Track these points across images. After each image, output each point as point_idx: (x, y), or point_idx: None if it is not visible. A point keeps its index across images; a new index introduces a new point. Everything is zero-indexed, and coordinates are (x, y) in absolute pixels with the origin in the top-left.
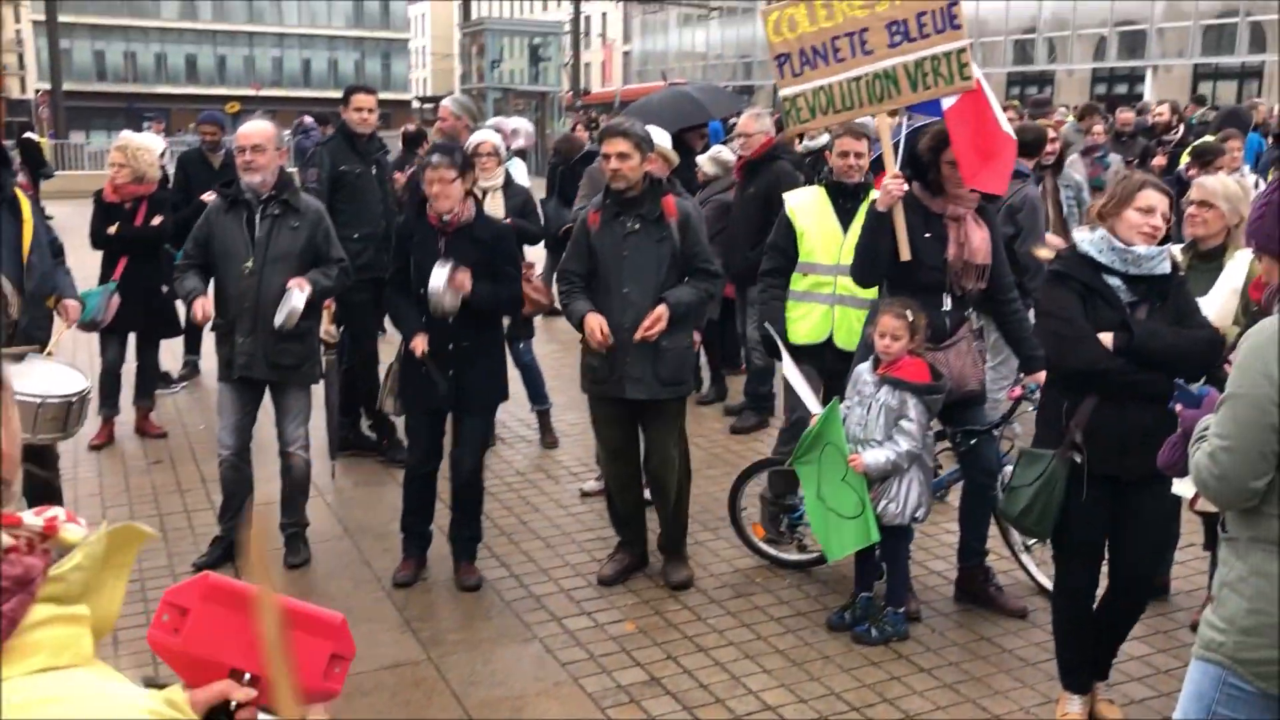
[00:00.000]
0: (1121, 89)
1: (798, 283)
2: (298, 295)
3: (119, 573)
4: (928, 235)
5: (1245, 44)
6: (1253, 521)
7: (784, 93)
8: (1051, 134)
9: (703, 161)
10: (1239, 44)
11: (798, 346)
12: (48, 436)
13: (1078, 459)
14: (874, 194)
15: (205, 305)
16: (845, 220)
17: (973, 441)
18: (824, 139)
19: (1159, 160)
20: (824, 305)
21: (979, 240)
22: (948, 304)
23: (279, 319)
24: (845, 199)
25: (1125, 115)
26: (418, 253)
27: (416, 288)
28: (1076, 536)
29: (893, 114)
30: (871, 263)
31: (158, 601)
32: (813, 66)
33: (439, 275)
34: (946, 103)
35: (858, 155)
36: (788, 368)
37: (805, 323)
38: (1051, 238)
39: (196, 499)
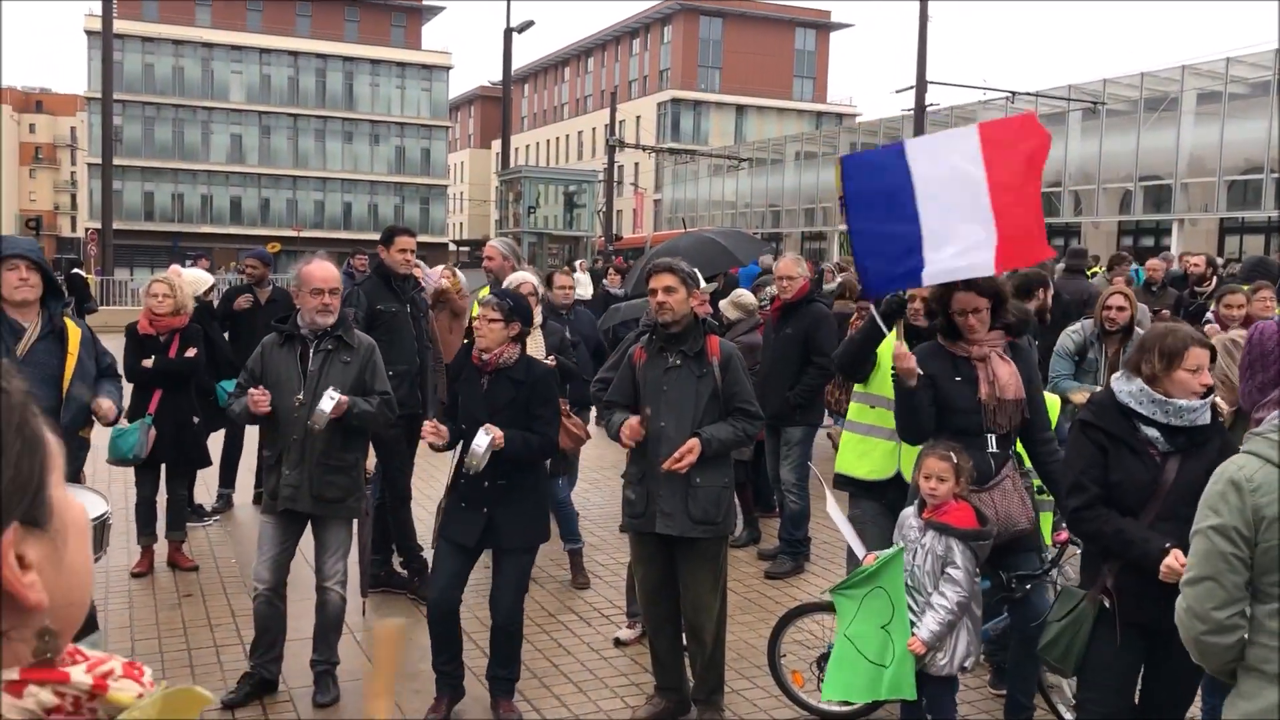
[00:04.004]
0: (1148, 242)
1: (863, 415)
2: (327, 399)
3: None
4: (958, 379)
5: (1271, 199)
6: (1248, 650)
7: (843, 228)
8: (1120, 302)
9: (725, 306)
10: (1265, 199)
11: (859, 481)
12: None
13: (1107, 603)
14: None
15: (255, 391)
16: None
17: (1028, 586)
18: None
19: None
20: (888, 441)
21: (1006, 375)
22: (993, 444)
23: (309, 419)
24: (919, 340)
25: (1154, 263)
26: (462, 389)
27: (461, 420)
28: (1097, 678)
29: None
30: (916, 427)
31: None
32: None
33: (481, 440)
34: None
35: (924, 299)
36: (831, 509)
37: (868, 460)
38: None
39: (226, 634)
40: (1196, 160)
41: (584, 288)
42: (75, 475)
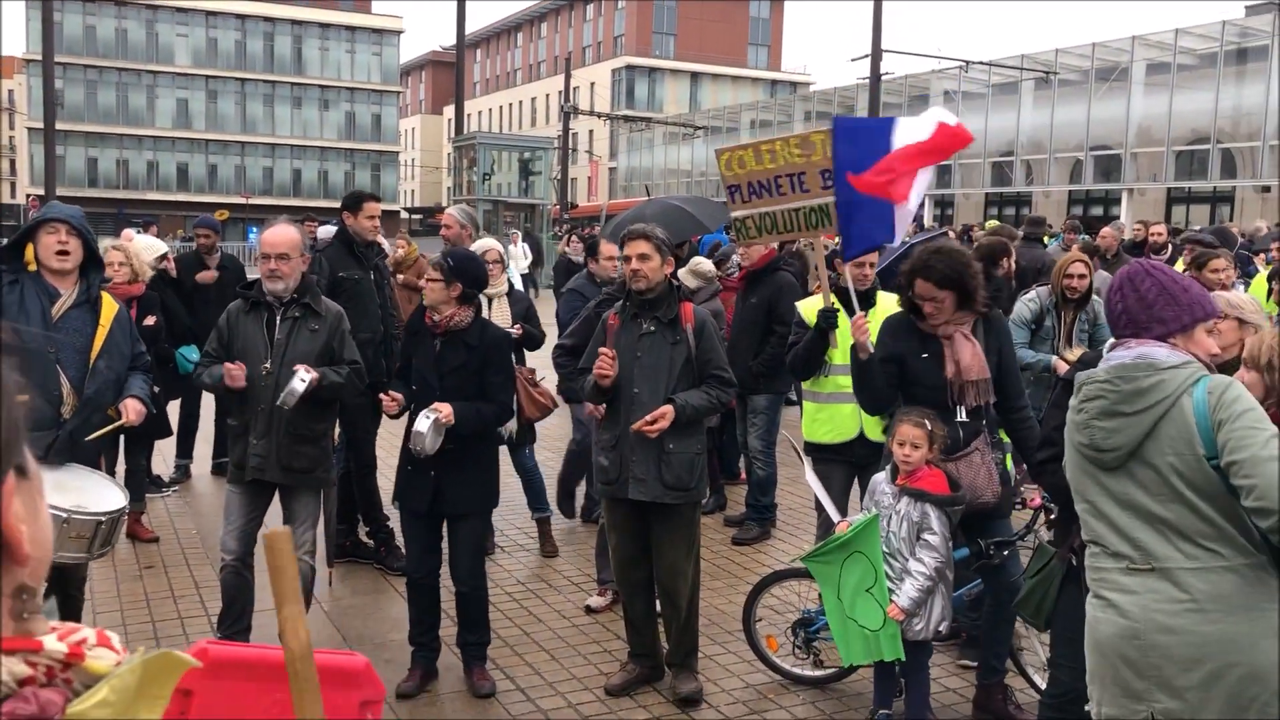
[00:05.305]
0: (1097, 210)
1: (821, 385)
2: (299, 379)
3: (153, 705)
4: (925, 356)
5: (1217, 169)
6: None
7: (735, 214)
8: (1081, 270)
9: (683, 275)
10: (1211, 169)
11: (823, 445)
12: (70, 556)
13: (1074, 561)
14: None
15: (232, 365)
16: None
17: (1005, 553)
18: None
19: None
20: (849, 404)
21: (969, 357)
22: (962, 415)
23: (279, 399)
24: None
25: (1107, 232)
26: (416, 353)
27: (413, 382)
28: (1067, 633)
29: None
30: (873, 398)
31: None
32: (759, 196)
33: (421, 423)
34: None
35: (871, 265)
36: (810, 476)
37: (829, 424)
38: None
39: (190, 606)
40: (1145, 130)
41: (519, 261)
42: (99, 453)
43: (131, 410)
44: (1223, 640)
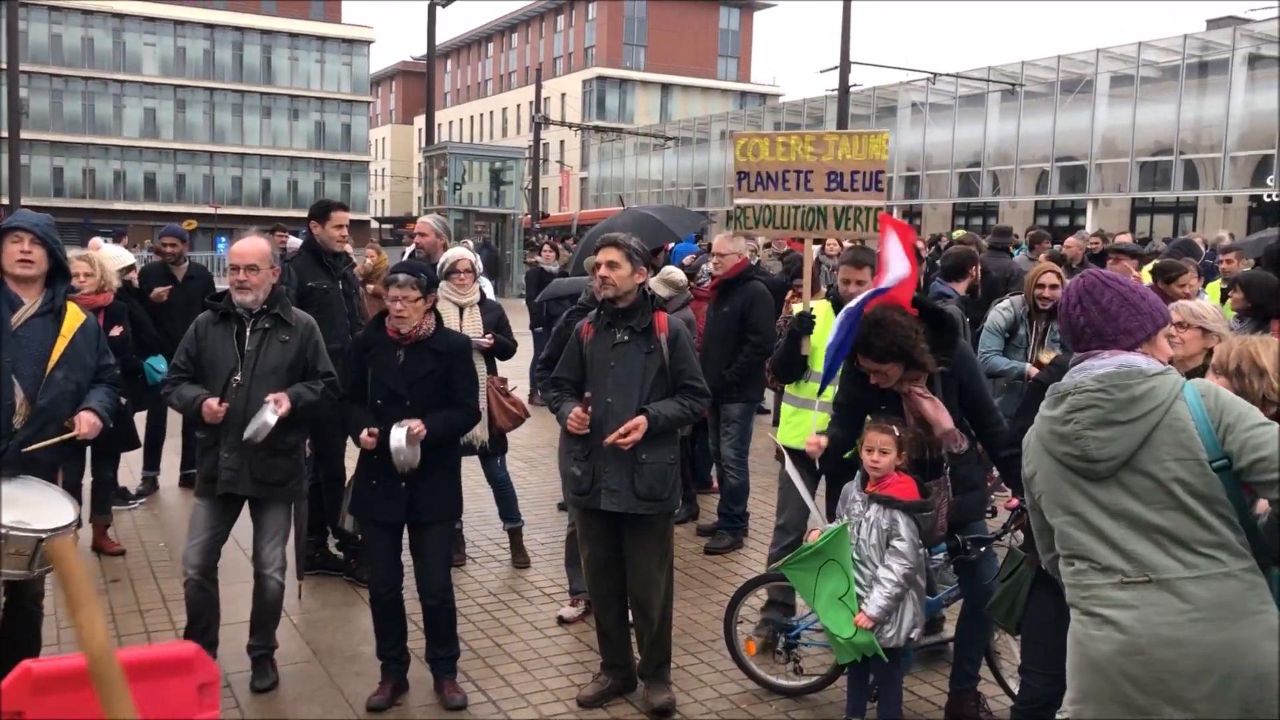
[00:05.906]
0: (1063, 221)
1: (800, 390)
2: (270, 412)
3: None
4: (883, 407)
5: (1180, 180)
6: None
7: (738, 201)
8: (1053, 280)
9: (654, 284)
10: (1174, 180)
11: (791, 449)
12: (9, 573)
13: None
14: None
15: (214, 403)
16: None
17: (983, 549)
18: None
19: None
20: (822, 413)
21: (931, 412)
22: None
23: (248, 431)
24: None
25: (1072, 242)
26: (375, 365)
27: (373, 398)
28: (1037, 637)
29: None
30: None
31: None
32: (764, 188)
33: (398, 436)
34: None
35: (859, 282)
36: (791, 471)
37: (801, 429)
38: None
39: (157, 619)
40: (1109, 142)
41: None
42: (54, 466)
43: (84, 423)
44: (1229, 647)
